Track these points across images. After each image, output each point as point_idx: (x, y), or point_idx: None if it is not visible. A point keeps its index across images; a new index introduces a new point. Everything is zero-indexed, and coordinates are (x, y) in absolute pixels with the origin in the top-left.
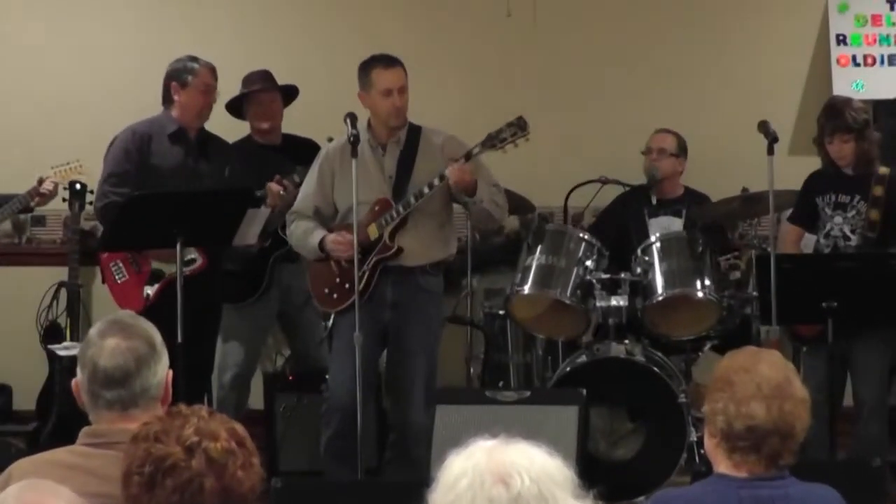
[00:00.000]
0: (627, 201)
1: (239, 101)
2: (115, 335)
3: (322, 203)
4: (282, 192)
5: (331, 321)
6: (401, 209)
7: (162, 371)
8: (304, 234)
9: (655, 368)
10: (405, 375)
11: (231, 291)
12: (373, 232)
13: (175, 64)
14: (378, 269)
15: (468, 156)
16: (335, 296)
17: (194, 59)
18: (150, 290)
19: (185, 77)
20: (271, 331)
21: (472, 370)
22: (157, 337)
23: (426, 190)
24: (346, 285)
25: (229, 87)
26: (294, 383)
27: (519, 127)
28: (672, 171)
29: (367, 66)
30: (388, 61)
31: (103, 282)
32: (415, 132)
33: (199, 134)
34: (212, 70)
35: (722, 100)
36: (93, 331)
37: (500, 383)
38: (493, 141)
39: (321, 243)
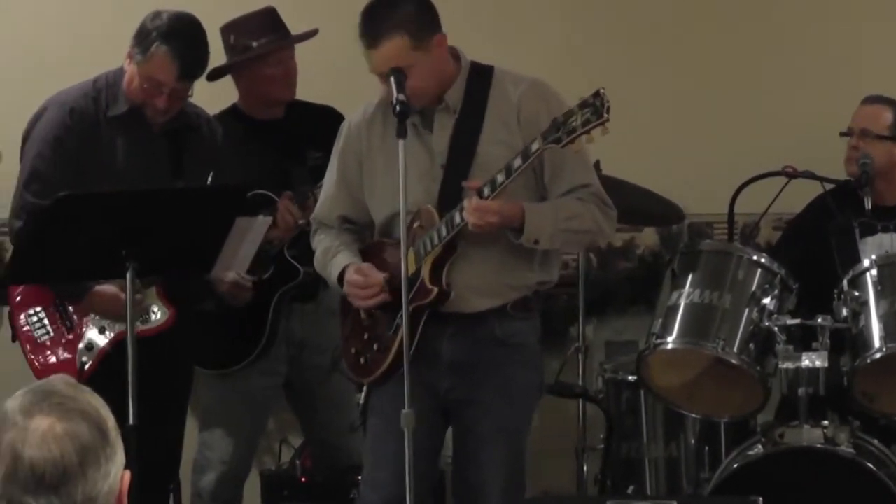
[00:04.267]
0: (828, 207)
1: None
2: (48, 412)
3: (350, 209)
4: (300, 222)
5: (362, 395)
6: (443, 232)
7: (116, 472)
8: (323, 257)
9: (871, 465)
10: (476, 475)
11: (212, 350)
12: (411, 264)
13: (147, 19)
14: (423, 317)
15: (525, 155)
16: (363, 360)
17: (164, 33)
18: (87, 357)
19: (139, 50)
20: (274, 409)
21: (584, 468)
22: (110, 419)
23: (457, 218)
24: (376, 345)
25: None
26: (309, 488)
27: (593, 110)
28: (886, 163)
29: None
30: (369, 38)
31: (13, 339)
32: (481, 82)
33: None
34: (177, 63)
35: None
36: (11, 404)
37: (631, 488)
38: (558, 132)
39: (341, 277)
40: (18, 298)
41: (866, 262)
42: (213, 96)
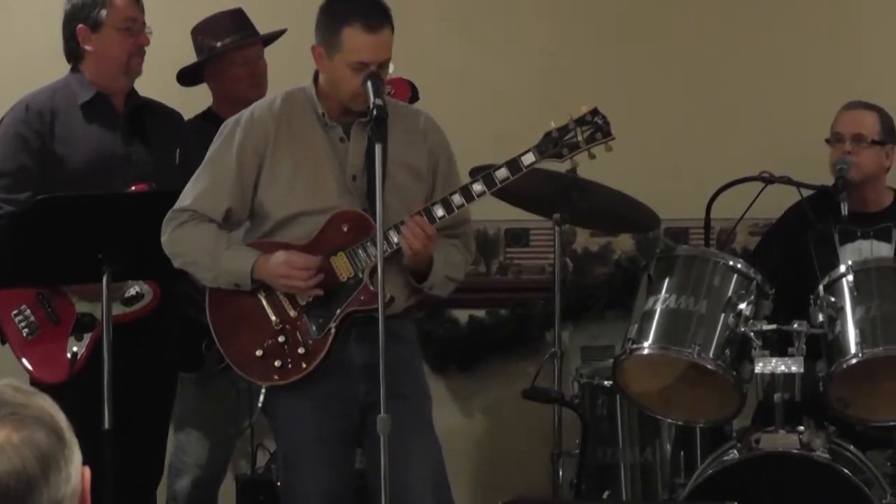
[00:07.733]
0: (805, 213)
1: (196, 64)
2: (2, 423)
3: (238, 203)
4: None
5: (260, 399)
6: (394, 239)
7: (76, 471)
8: (214, 248)
9: (846, 470)
10: (412, 481)
11: (189, 353)
12: (343, 268)
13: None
14: (348, 321)
15: (515, 168)
16: (279, 363)
17: None
18: (77, 347)
19: (94, 14)
20: (249, 413)
21: (560, 473)
22: (62, 419)
23: (394, 237)
24: (300, 349)
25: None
26: None
27: (596, 128)
28: (875, 169)
29: (336, 18)
30: (372, 19)
31: (2, 342)
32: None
33: (129, 101)
34: None
35: None
36: None
37: (606, 493)
38: (556, 146)
39: (255, 270)
40: (0, 300)
41: (842, 268)
42: (188, 103)
